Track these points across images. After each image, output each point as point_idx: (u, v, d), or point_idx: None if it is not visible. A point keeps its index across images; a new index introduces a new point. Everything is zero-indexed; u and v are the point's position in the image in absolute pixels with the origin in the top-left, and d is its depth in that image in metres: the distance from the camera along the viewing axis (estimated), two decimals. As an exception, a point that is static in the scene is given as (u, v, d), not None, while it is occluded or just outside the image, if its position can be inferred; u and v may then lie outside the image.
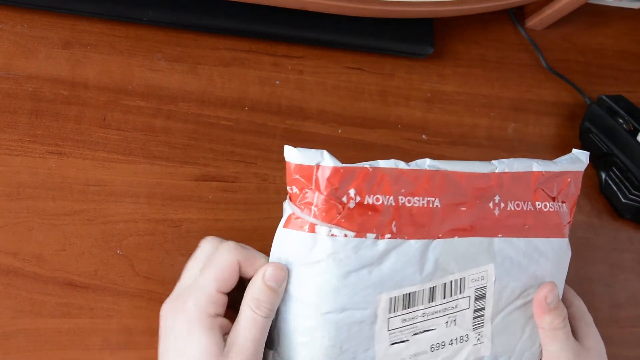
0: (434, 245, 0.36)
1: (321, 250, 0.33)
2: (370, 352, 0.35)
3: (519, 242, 0.38)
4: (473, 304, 0.37)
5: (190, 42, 0.47)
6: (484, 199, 0.37)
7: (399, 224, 0.35)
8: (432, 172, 0.36)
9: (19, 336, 0.37)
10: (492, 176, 0.37)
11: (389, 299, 0.35)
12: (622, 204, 0.50)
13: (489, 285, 0.37)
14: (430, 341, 0.36)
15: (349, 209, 0.34)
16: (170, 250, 0.41)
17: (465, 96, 0.52)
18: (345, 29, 0.48)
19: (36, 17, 0.44)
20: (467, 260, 0.37)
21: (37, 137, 0.41)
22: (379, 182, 0.34)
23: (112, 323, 0.39)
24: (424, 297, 0.36)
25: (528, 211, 0.38)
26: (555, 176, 0.39)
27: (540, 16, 0.54)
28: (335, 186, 0.33)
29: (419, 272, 0.35)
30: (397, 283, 0.35)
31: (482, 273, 0.37)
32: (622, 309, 0.49)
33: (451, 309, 0.37)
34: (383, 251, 0.34)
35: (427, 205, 0.36)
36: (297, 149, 0.34)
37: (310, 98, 0.48)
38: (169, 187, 0.42)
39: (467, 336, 0.37)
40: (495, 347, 0.38)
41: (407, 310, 0.35)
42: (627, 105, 0.51)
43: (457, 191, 0.36)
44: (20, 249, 0.39)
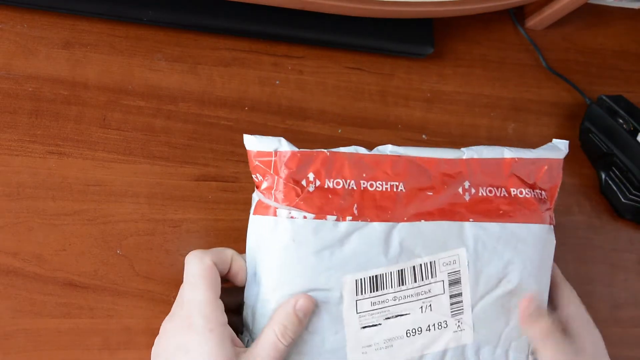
0: (399, 228, 0.36)
1: (281, 232, 0.35)
2: (339, 335, 0.35)
3: (493, 226, 0.38)
4: (448, 289, 0.37)
5: (190, 42, 0.47)
6: (452, 184, 0.37)
7: (361, 206, 0.35)
8: (394, 157, 0.36)
9: (19, 336, 0.37)
10: (460, 162, 0.38)
11: (354, 281, 0.35)
12: (622, 204, 0.50)
13: (462, 270, 0.37)
14: (405, 326, 0.36)
15: (308, 192, 0.35)
16: (170, 250, 0.41)
17: (465, 96, 0.52)
18: (345, 29, 0.48)
19: (36, 17, 0.44)
20: (436, 244, 0.36)
21: (37, 137, 0.41)
22: (339, 166, 0.35)
23: (112, 323, 0.39)
24: (392, 280, 0.36)
25: (502, 197, 0.38)
26: (529, 163, 0.39)
27: (540, 16, 0.54)
28: (293, 169, 0.35)
29: (384, 255, 0.35)
30: (361, 265, 0.35)
31: (453, 257, 0.37)
32: (622, 309, 0.49)
33: (424, 294, 0.36)
34: (344, 233, 0.35)
35: (390, 190, 0.36)
36: (255, 136, 0.35)
37: (310, 98, 0.48)
38: (169, 187, 0.42)
39: (446, 322, 0.36)
40: (477, 335, 0.37)
41: (376, 293, 0.35)
42: (627, 105, 0.51)
43: (422, 176, 0.37)
44: (20, 249, 0.39)
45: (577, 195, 0.51)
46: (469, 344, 0.37)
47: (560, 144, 0.41)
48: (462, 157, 0.38)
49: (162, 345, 0.34)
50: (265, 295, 0.35)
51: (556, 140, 0.41)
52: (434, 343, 0.36)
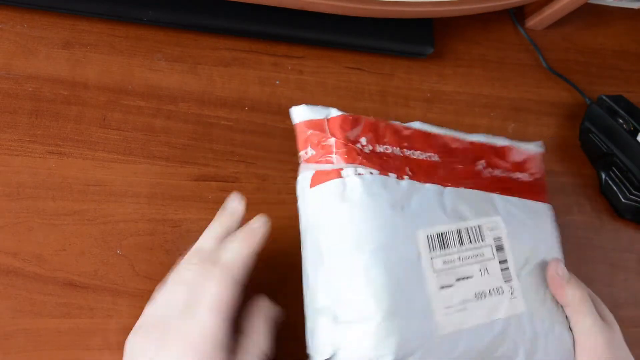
0: (447, 191, 0.37)
1: (353, 189, 0.34)
2: (424, 293, 0.34)
3: (514, 200, 0.39)
4: (496, 253, 0.37)
5: (190, 42, 0.47)
6: (472, 162, 0.40)
7: (412, 169, 0.37)
8: (424, 133, 0.39)
9: (19, 336, 0.37)
10: (470, 144, 0.40)
11: (426, 236, 0.35)
12: (622, 204, 0.50)
13: (503, 237, 0.38)
14: (473, 289, 0.36)
15: (366, 153, 0.35)
16: (170, 250, 0.41)
17: (465, 96, 0.52)
18: (345, 29, 0.48)
19: (36, 17, 0.44)
20: (478, 209, 0.38)
21: (37, 137, 0.41)
22: (383, 133, 0.37)
23: (112, 323, 0.39)
24: (454, 239, 0.36)
25: (511, 179, 0.41)
26: (520, 153, 0.42)
27: (540, 16, 0.54)
28: (349, 131, 0.36)
29: (443, 213, 0.36)
30: (427, 221, 0.35)
31: (493, 222, 0.38)
32: (622, 309, 0.49)
33: (480, 256, 0.37)
34: (407, 190, 0.36)
35: (428, 159, 0.38)
36: (304, 106, 0.36)
37: (310, 98, 0.48)
38: (169, 187, 0.42)
39: (502, 288, 0.36)
40: (528, 304, 0.37)
41: (444, 251, 0.35)
42: (627, 105, 0.51)
43: (449, 151, 0.39)
44: (20, 249, 0.39)
45: (577, 195, 0.51)
46: (524, 312, 0.37)
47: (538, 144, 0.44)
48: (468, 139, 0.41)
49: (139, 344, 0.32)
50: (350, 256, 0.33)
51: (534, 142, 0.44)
52: (497, 309, 0.36)
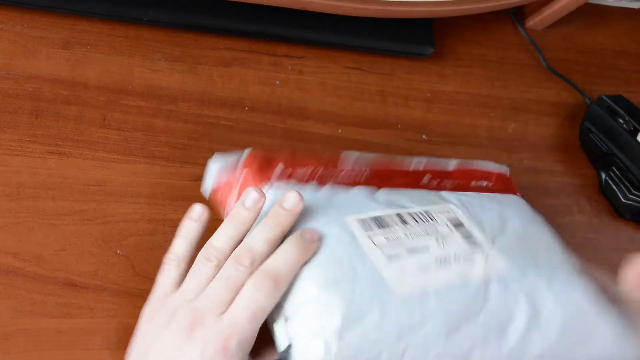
0: (380, 191, 0.36)
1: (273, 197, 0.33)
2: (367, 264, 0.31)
3: (471, 194, 0.38)
4: (455, 229, 0.35)
5: (190, 42, 0.47)
6: (412, 179, 0.39)
7: (336, 182, 0.36)
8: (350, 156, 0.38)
9: (19, 336, 0.37)
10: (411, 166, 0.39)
11: (357, 220, 0.33)
12: (622, 204, 0.50)
13: (460, 217, 0.36)
14: (433, 255, 0.33)
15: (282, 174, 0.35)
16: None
17: (465, 96, 0.52)
18: (345, 29, 0.48)
19: (36, 17, 0.44)
20: (421, 202, 0.36)
21: (37, 137, 0.41)
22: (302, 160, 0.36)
23: (112, 323, 0.39)
24: (394, 220, 0.34)
25: (466, 185, 0.40)
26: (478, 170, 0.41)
27: (540, 16, 0.54)
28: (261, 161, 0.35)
29: (375, 203, 0.35)
30: (358, 209, 0.34)
31: (445, 209, 0.36)
32: (622, 309, 0.49)
33: (433, 232, 0.34)
34: (329, 193, 0.35)
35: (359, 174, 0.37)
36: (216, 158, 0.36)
37: (310, 98, 0.48)
38: (169, 187, 0.42)
39: (470, 253, 0.34)
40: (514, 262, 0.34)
41: (384, 230, 0.33)
42: (627, 105, 0.51)
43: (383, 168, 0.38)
44: (20, 249, 0.39)
45: (577, 195, 0.51)
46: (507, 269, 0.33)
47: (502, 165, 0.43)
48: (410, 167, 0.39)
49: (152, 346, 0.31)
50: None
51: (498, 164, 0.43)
52: (471, 270, 0.33)
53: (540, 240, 0.37)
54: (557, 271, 0.34)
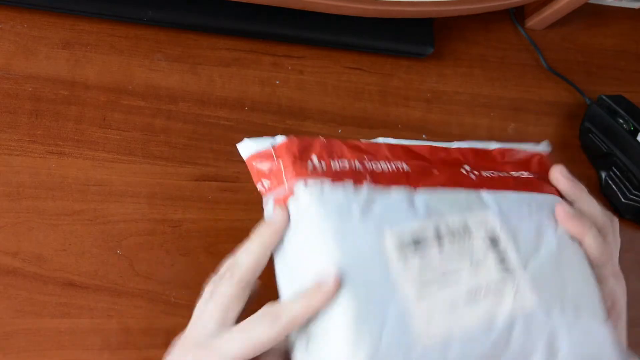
0: (419, 192, 0.34)
1: (303, 203, 0.32)
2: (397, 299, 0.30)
3: (510, 194, 0.36)
4: (490, 247, 0.34)
5: (190, 42, 0.47)
6: (453, 166, 0.36)
7: (374, 179, 0.34)
8: (389, 145, 0.36)
9: (19, 336, 0.37)
10: (453, 151, 0.37)
11: (395, 237, 0.32)
12: (622, 204, 0.50)
13: (497, 230, 0.34)
14: (463, 286, 0.32)
15: (317, 167, 0.33)
16: (170, 250, 0.41)
17: (465, 96, 0.52)
18: (345, 29, 0.48)
19: (36, 17, 0.44)
20: (461, 206, 0.34)
21: (37, 137, 0.41)
22: (339, 150, 0.35)
23: (112, 323, 0.39)
24: (431, 237, 0.33)
25: (507, 177, 0.37)
26: (518, 154, 0.39)
27: (540, 16, 0.54)
28: (296, 153, 0.34)
29: (413, 213, 0.33)
30: (394, 221, 0.32)
31: (483, 218, 0.34)
32: (622, 309, 0.49)
33: (468, 252, 0.33)
34: (367, 195, 0.33)
35: (396, 169, 0.35)
36: (248, 140, 0.35)
37: (310, 98, 0.48)
38: (169, 187, 0.42)
39: (502, 283, 0.33)
40: (542, 295, 0.33)
41: (419, 247, 0.32)
42: (627, 105, 0.51)
43: (422, 159, 0.36)
44: (20, 249, 0.39)
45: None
46: (535, 306, 0.33)
47: (541, 145, 0.40)
48: (451, 147, 0.37)
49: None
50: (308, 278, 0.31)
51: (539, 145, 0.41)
52: (499, 307, 0.32)
53: (571, 266, 0.35)
54: (581, 312, 0.34)
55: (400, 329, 0.30)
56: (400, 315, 0.30)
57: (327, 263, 0.31)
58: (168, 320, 0.39)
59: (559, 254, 0.35)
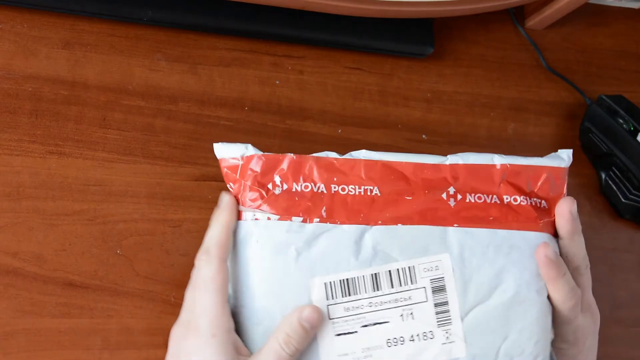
0: (372, 231, 0.34)
1: (246, 234, 0.34)
2: (312, 344, 0.33)
3: (481, 232, 0.35)
4: (431, 296, 0.34)
5: (190, 42, 0.47)
6: (434, 190, 0.35)
7: (330, 209, 0.34)
8: (368, 162, 0.35)
9: (19, 336, 0.37)
10: (443, 168, 0.36)
11: (324, 284, 0.33)
12: (622, 204, 0.50)
13: (447, 277, 0.34)
14: (385, 335, 0.33)
15: (273, 195, 0.34)
16: (170, 250, 0.41)
17: (465, 96, 0.52)
18: (345, 29, 0.48)
19: (36, 17, 0.44)
20: (414, 248, 0.34)
21: (37, 137, 0.41)
22: (307, 170, 0.35)
23: (112, 323, 0.39)
24: (366, 285, 0.34)
25: (493, 204, 0.36)
26: (525, 170, 0.36)
27: (540, 16, 0.54)
28: (258, 173, 0.35)
29: (355, 257, 0.34)
30: (330, 268, 0.33)
31: (435, 263, 0.34)
32: (622, 309, 0.49)
33: (404, 301, 0.34)
34: (311, 234, 0.34)
35: (364, 194, 0.35)
36: (224, 143, 0.36)
37: (310, 98, 0.48)
38: (169, 187, 0.42)
39: (432, 333, 0.34)
40: (471, 348, 0.34)
41: (349, 298, 0.33)
42: (627, 105, 0.51)
43: (399, 181, 0.35)
44: (20, 249, 0.39)
45: (577, 195, 0.51)
46: (462, 357, 0.34)
47: (562, 154, 0.38)
48: (445, 163, 0.36)
49: (170, 351, 0.34)
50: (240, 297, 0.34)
51: (561, 150, 0.38)
52: (420, 355, 0.34)
53: (524, 315, 0.35)
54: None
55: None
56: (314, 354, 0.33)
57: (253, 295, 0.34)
58: (168, 320, 0.39)
59: (512, 304, 0.34)
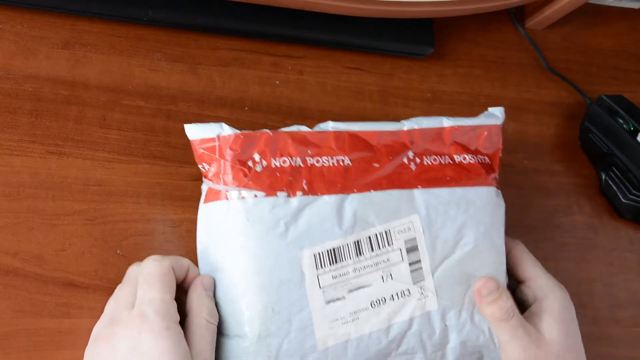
0: (350, 199, 0.37)
1: (235, 213, 0.35)
2: (305, 312, 0.35)
3: (442, 192, 0.38)
4: (406, 256, 0.37)
5: (190, 42, 0.47)
6: (396, 155, 0.38)
7: (310, 182, 0.36)
8: (337, 133, 0.38)
9: (19, 336, 0.37)
10: (401, 134, 0.39)
11: (313, 255, 0.36)
12: (622, 204, 0.50)
13: (418, 236, 0.37)
14: (369, 297, 0.36)
15: (256, 172, 0.36)
16: (170, 250, 0.41)
17: (465, 96, 0.52)
18: (345, 29, 0.48)
19: (36, 17, 0.44)
20: (388, 212, 0.37)
21: (37, 137, 0.41)
22: (283, 145, 0.37)
23: (112, 323, 0.39)
24: (350, 252, 0.36)
25: (447, 164, 0.39)
26: (469, 130, 0.40)
27: (540, 16, 0.54)
28: (238, 151, 0.36)
29: (338, 226, 0.36)
30: (317, 239, 0.36)
31: (407, 224, 0.37)
32: (622, 309, 0.49)
33: (383, 263, 0.37)
34: (297, 208, 0.36)
35: (337, 164, 0.37)
36: (196, 124, 0.37)
37: (310, 98, 0.48)
38: (169, 187, 0.42)
39: (409, 290, 0.37)
40: (441, 300, 0.37)
41: (336, 266, 0.36)
42: (627, 105, 0.51)
43: (366, 149, 0.38)
44: (20, 249, 0.39)
45: (577, 195, 0.51)
46: (434, 309, 0.37)
47: (495, 111, 0.42)
48: (402, 129, 0.39)
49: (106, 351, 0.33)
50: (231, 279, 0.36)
51: (491, 109, 0.42)
52: (400, 312, 0.37)
53: (483, 263, 0.39)
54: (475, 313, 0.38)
55: (302, 338, 0.35)
56: (305, 323, 0.35)
57: (247, 273, 0.35)
58: (168, 320, 0.39)
59: (472, 255, 0.38)
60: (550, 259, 0.48)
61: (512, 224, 0.48)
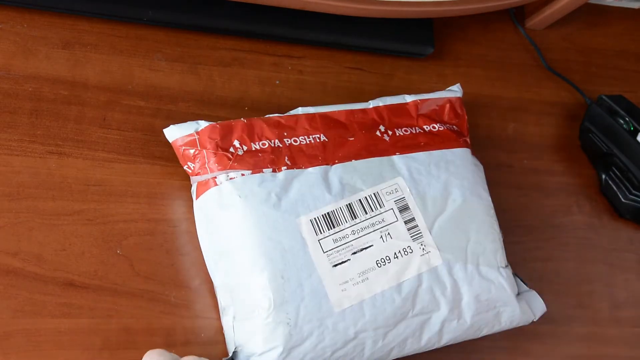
0: (334, 169, 0.39)
1: (226, 194, 0.37)
2: (314, 276, 0.36)
3: (419, 155, 0.41)
4: (399, 215, 0.39)
5: (190, 42, 0.47)
6: (369, 129, 0.41)
7: (292, 157, 0.39)
8: (308, 115, 0.40)
9: (19, 336, 0.37)
10: (369, 111, 0.42)
11: (309, 221, 0.37)
12: (622, 204, 0.50)
13: (406, 196, 0.39)
14: (374, 257, 0.37)
15: (238, 155, 0.37)
16: (170, 250, 0.41)
17: (465, 96, 0.51)
18: (345, 29, 0.48)
19: (36, 17, 0.44)
20: (373, 177, 0.39)
21: (37, 137, 0.41)
22: (259, 130, 0.39)
23: (112, 323, 0.39)
24: (344, 215, 0.38)
25: (418, 133, 0.42)
26: (432, 102, 0.43)
27: (540, 16, 0.54)
28: (218, 139, 0.38)
29: (328, 192, 0.38)
30: (310, 205, 0.37)
31: (393, 186, 0.39)
32: (622, 309, 0.49)
33: (379, 223, 0.38)
34: (284, 180, 0.38)
35: (314, 141, 0.40)
36: (175, 125, 0.39)
37: (310, 98, 0.48)
38: (169, 187, 0.42)
39: (410, 247, 0.38)
40: (445, 255, 0.39)
41: (334, 230, 0.37)
42: (627, 105, 0.51)
43: (339, 127, 0.41)
44: (20, 249, 0.39)
45: (577, 195, 0.51)
46: (439, 264, 0.38)
47: (454, 88, 0.45)
48: (369, 107, 0.42)
49: None
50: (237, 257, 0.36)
51: (450, 87, 0.46)
52: (407, 269, 0.38)
53: (475, 218, 0.40)
54: (480, 263, 0.39)
55: (316, 302, 0.36)
56: (317, 287, 0.36)
57: (251, 247, 0.36)
58: (168, 320, 0.39)
59: (463, 209, 0.40)
60: (550, 259, 0.48)
61: (512, 224, 0.48)
